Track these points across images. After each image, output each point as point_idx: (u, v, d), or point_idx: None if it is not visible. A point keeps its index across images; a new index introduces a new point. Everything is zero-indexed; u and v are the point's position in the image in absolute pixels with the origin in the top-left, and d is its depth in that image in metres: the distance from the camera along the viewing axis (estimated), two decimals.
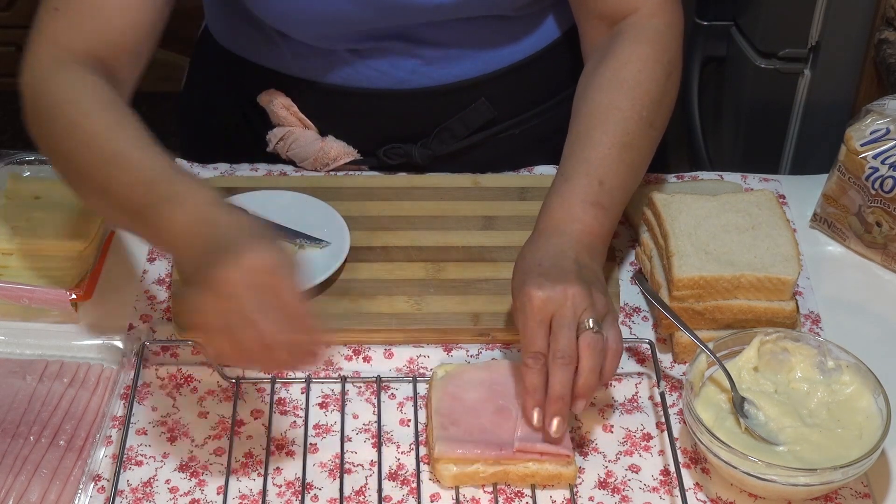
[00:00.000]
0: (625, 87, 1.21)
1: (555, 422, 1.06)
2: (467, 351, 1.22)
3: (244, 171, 1.43)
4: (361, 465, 1.11)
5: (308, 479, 1.09)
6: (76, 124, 1.12)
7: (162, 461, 1.11)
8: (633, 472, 1.10)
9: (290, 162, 1.43)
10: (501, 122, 1.43)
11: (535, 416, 1.07)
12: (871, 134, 1.28)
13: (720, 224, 1.24)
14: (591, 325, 1.06)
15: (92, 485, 1.09)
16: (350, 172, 1.43)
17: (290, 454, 1.12)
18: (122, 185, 1.07)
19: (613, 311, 1.11)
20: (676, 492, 1.08)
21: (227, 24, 1.44)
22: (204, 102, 1.54)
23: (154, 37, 1.23)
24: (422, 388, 1.17)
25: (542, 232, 1.16)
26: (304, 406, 1.16)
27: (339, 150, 1.41)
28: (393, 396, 1.17)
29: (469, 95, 1.39)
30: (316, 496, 1.08)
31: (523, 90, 1.41)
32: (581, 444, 1.13)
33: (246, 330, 0.96)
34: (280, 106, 1.40)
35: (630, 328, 1.25)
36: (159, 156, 1.08)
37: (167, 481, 1.09)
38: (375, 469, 1.10)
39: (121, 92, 1.18)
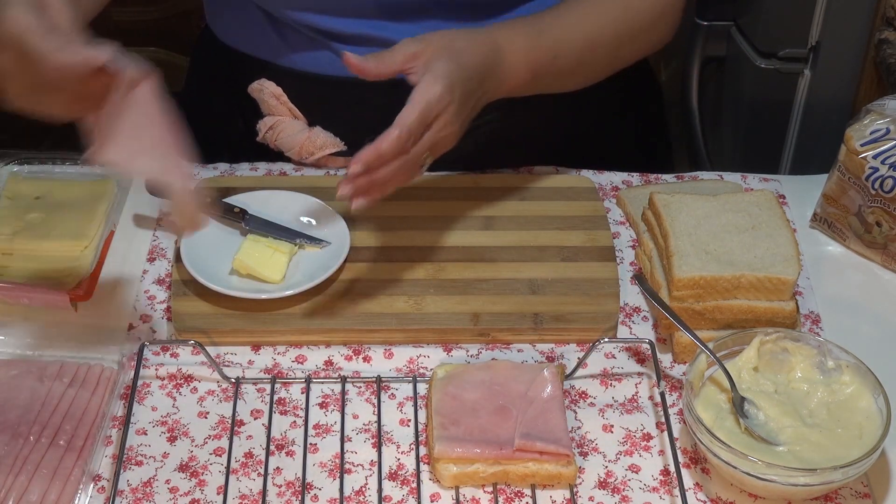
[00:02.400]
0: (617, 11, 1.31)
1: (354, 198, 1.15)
2: (467, 351, 1.22)
3: (244, 171, 1.43)
4: (361, 465, 1.11)
5: (308, 479, 1.09)
6: None
7: (162, 461, 1.11)
8: (633, 472, 1.11)
9: (278, 151, 1.44)
10: (487, 112, 1.43)
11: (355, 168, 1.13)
12: (871, 134, 1.28)
13: (720, 224, 1.24)
14: (426, 162, 1.19)
15: (92, 485, 1.09)
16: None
17: (290, 454, 1.12)
18: None
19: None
20: (676, 492, 1.08)
21: (222, 13, 1.45)
22: (202, 101, 1.54)
23: None
24: (422, 388, 1.17)
25: (489, 38, 1.23)
26: (304, 406, 1.16)
27: (324, 139, 1.42)
28: (393, 396, 1.17)
29: None
30: (316, 496, 1.08)
31: None
32: (581, 444, 1.13)
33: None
34: (270, 95, 1.41)
35: (630, 328, 1.25)
36: None
37: (167, 481, 1.09)
38: (375, 469, 1.10)
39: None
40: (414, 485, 1.09)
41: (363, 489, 1.09)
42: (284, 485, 1.09)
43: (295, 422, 1.15)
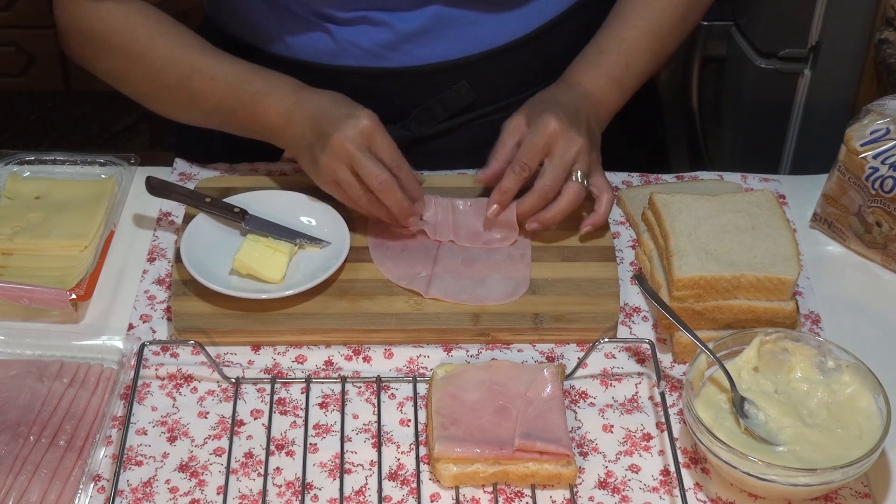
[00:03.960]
0: None
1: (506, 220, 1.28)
2: (467, 351, 1.22)
3: (244, 171, 1.43)
4: (361, 465, 1.11)
5: (308, 479, 1.09)
6: (144, 55, 1.29)
7: (162, 461, 1.11)
8: (633, 472, 1.11)
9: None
10: (482, 106, 1.43)
11: (493, 209, 1.28)
12: (871, 134, 1.28)
13: (720, 224, 1.24)
14: (580, 178, 1.26)
15: (92, 485, 1.09)
16: None
17: (290, 454, 1.12)
18: (208, 94, 1.28)
19: (601, 168, 1.30)
20: (676, 492, 1.08)
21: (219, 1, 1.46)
22: None
23: None
24: (422, 388, 1.17)
25: (567, 84, 1.34)
26: (304, 406, 1.16)
27: None
28: (393, 396, 1.17)
29: (450, 77, 1.40)
30: (316, 496, 1.08)
31: (504, 75, 1.42)
32: (581, 444, 1.13)
33: (353, 182, 1.23)
34: None
35: (630, 328, 1.25)
36: (229, 59, 1.29)
37: (167, 481, 1.09)
38: (375, 469, 1.10)
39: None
40: (414, 485, 1.09)
41: (363, 489, 1.09)
42: (284, 485, 1.09)
43: (295, 422, 1.15)
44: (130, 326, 1.24)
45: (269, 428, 1.14)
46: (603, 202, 1.28)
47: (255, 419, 1.15)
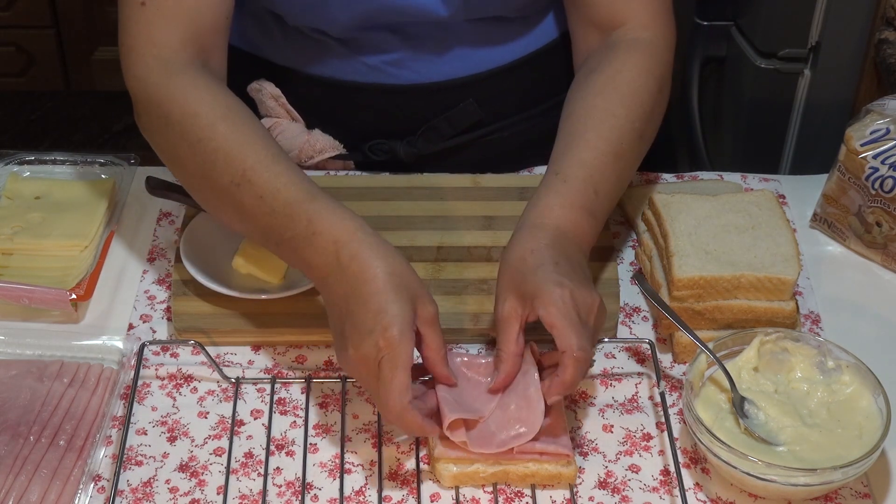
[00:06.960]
0: (619, 94, 1.21)
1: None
2: (467, 351, 1.22)
3: None
4: (361, 465, 1.11)
5: (308, 479, 1.09)
6: (201, 140, 1.14)
7: (162, 461, 1.11)
8: (633, 472, 1.11)
9: None
10: (489, 124, 1.43)
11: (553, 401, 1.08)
12: (871, 134, 1.28)
13: (720, 224, 1.24)
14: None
15: (92, 485, 1.09)
16: (347, 172, 1.43)
17: (290, 454, 1.12)
18: (254, 214, 1.11)
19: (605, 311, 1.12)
20: (676, 492, 1.08)
21: None
22: None
23: (232, 9, 1.23)
24: None
25: (535, 227, 1.14)
26: (304, 406, 1.16)
27: (324, 143, 1.42)
28: None
29: (457, 95, 1.40)
30: (316, 496, 1.08)
31: (512, 93, 1.41)
32: (581, 444, 1.13)
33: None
34: (269, 96, 1.40)
35: (630, 328, 1.25)
36: (283, 174, 1.11)
37: (167, 481, 1.09)
38: (375, 469, 1.10)
39: (220, 78, 1.22)
40: (414, 485, 1.09)
41: (363, 489, 1.09)
42: (284, 485, 1.09)
43: (295, 422, 1.15)
44: (130, 326, 1.24)
45: (269, 428, 1.14)
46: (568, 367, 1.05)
47: (255, 419, 1.15)
